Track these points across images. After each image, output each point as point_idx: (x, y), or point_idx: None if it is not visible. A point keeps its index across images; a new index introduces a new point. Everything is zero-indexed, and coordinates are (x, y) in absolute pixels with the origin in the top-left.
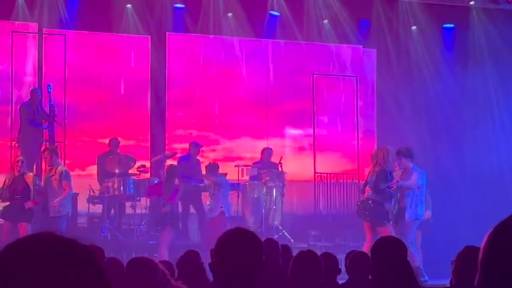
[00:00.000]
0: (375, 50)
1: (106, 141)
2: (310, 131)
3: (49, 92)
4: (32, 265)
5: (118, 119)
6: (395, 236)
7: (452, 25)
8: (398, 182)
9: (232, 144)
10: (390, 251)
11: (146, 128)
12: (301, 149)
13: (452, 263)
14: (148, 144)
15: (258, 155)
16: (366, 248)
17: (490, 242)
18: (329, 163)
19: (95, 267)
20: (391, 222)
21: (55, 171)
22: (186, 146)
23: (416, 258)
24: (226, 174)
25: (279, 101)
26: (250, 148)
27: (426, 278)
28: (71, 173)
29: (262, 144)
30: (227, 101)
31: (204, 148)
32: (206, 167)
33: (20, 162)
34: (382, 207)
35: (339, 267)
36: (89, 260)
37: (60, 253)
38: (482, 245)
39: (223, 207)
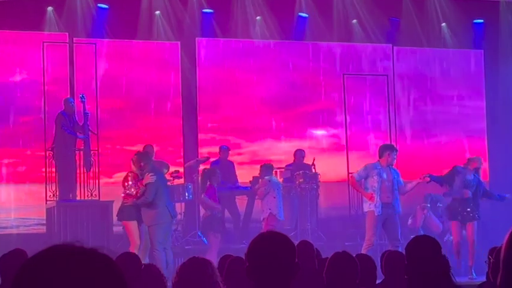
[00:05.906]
0: (482, 50)
1: (137, 148)
2: (335, 131)
3: (82, 102)
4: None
5: (149, 125)
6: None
7: (481, 20)
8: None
9: (258, 146)
10: (424, 250)
11: (179, 134)
12: (326, 149)
13: (486, 262)
14: (181, 149)
15: (283, 157)
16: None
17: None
18: (362, 163)
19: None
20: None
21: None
22: (217, 150)
23: None
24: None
25: (307, 101)
26: (281, 150)
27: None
28: (104, 181)
29: (290, 146)
30: (258, 103)
31: (231, 151)
32: (261, 166)
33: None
34: None
35: (376, 272)
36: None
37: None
38: (503, 244)
39: (271, 210)
